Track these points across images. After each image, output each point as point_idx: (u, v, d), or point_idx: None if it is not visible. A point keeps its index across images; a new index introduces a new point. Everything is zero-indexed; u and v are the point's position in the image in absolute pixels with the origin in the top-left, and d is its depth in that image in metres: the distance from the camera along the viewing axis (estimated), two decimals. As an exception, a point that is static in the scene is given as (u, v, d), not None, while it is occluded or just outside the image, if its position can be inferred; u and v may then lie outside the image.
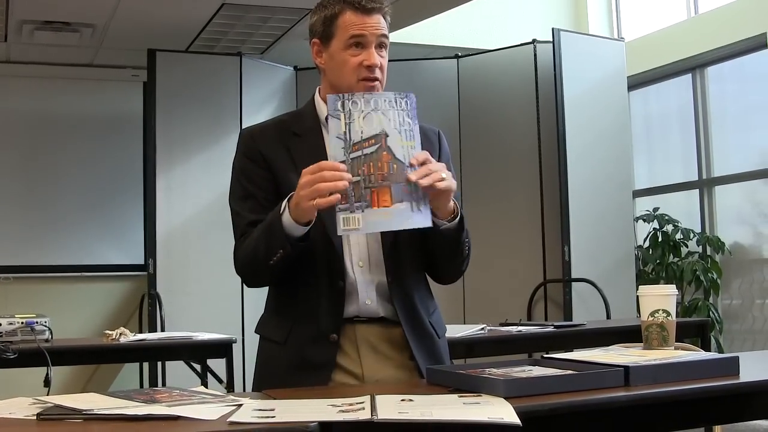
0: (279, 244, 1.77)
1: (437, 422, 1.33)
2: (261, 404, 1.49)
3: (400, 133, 1.73)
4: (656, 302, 1.99)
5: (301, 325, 1.88)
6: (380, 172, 1.69)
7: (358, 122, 1.71)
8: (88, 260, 6.62)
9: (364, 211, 1.68)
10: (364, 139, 1.71)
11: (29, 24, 5.62)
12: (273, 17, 5.61)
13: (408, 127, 1.75)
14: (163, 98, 5.73)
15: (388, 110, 1.74)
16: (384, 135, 1.72)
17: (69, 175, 6.61)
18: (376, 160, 1.70)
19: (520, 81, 5.96)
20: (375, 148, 1.71)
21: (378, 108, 1.73)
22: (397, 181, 1.70)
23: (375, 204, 1.68)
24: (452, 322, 3.22)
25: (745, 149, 6.50)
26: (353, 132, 1.71)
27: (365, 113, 1.72)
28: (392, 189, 1.69)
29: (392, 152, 1.71)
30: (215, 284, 5.61)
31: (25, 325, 3.43)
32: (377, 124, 1.72)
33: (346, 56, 1.89)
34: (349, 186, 1.67)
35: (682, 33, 6.77)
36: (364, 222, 1.68)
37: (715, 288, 6.29)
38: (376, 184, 1.69)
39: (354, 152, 1.70)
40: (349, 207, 1.68)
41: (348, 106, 1.72)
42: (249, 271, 1.90)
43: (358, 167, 1.69)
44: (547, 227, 5.78)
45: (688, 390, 1.58)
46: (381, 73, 1.91)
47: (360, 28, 1.88)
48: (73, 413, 1.41)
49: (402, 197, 1.70)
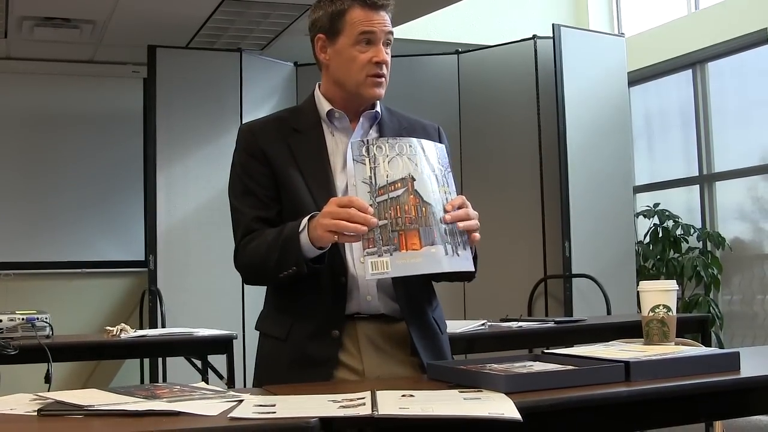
0: (293, 261, 1.77)
1: (438, 418, 1.33)
2: (262, 400, 1.49)
3: (430, 178, 1.74)
4: (657, 298, 1.99)
5: (302, 322, 1.87)
6: (407, 215, 1.70)
7: (383, 166, 1.72)
8: (89, 256, 6.62)
9: (392, 255, 1.68)
10: (389, 183, 1.71)
11: (29, 20, 5.61)
12: (273, 13, 5.61)
13: (441, 173, 1.77)
14: (163, 94, 5.73)
15: (414, 155, 1.75)
16: (410, 179, 1.72)
17: (69, 172, 6.61)
18: (404, 204, 1.71)
19: (521, 77, 5.96)
20: (401, 191, 1.71)
21: (403, 153, 1.74)
22: (426, 224, 1.70)
23: (403, 247, 1.69)
24: (453, 317, 3.22)
25: (745, 145, 6.49)
26: (378, 176, 1.72)
27: (390, 157, 1.73)
28: (421, 232, 1.70)
29: (420, 196, 1.72)
30: (216, 280, 5.61)
31: (26, 321, 3.43)
32: (403, 168, 1.73)
33: (355, 52, 1.88)
34: (376, 230, 1.67)
35: (682, 28, 6.76)
36: (393, 265, 1.68)
37: (716, 284, 6.29)
38: (404, 228, 1.69)
39: (380, 196, 1.71)
40: (377, 251, 1.68)
41: (373, 151, 1.72)
42: (253, 274, 1.91)
43: (385, 211, 1.70)
44: (547, 223, 5.78)
45: (688, 385, 1.58)
46: (387, 70, 1.92)
47: (369, 24, 1.88)
48: (74, 409, 1.41)
49: (433, 240, 1.70)
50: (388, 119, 2.00)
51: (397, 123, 2.01)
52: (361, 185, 1.71)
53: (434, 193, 1.73)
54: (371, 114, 1.97)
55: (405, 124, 2.02)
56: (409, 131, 2.00)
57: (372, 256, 1.68)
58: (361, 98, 1.92)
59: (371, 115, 1.98)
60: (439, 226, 1.71)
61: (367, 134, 1.97)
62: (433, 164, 1.76)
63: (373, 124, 1.99)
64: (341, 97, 1.94)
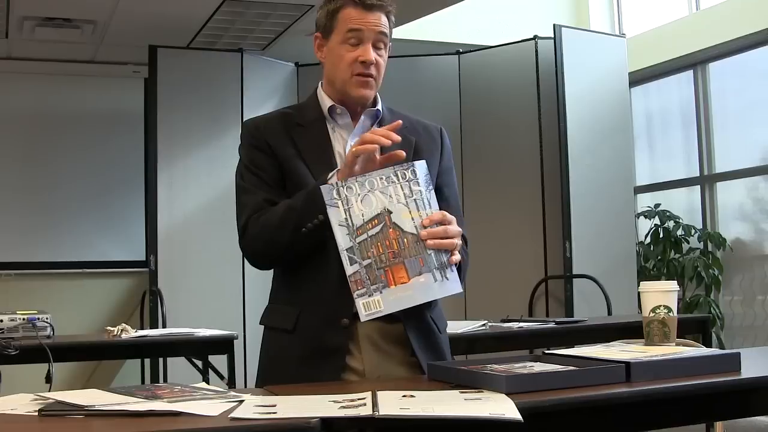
0: (319, 208, 1.76)
1: (439, 418, 1.33)
2: (262, 400, 1.49)
3: (407, 206, 1.74)
4: (658, 298, 1.99)
5: (311, 311, 1.87)
6: (390, 250, 1.71)
7: (356, 206, 1.72)
8: (90, 257, 6.62)
9: (383, 292, 1.69)
10: (366, 221, 1.72)
11: (30, 20, 5.62)
12: (274, 13, 5.61)
13: (419, 196, 1.75)
14: (164, 94, 5.73)
15: (387, 187, 1.74)
16: (386, 213, 1.73)
17: (70, 172, 6.61)
18: (384, 239, 1.71)
19: (522, 77, 5.96)
20: (379, 227, 1.72)
21: (374, 188, 1.73)
22: (410, 255, 1.71)
23: (392, 283, 1.70)
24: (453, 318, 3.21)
25: (746, 146, 6.49)
26: (354, 216, 1.72)
27: (362, 195, 1.73)
28: (406, 264, 1.71)
29: (399, 228, 1.72)
30: (217, 280, 5.62)
31: (27, 321, 3.43)
32: (377, 204, 1.73)
33: (343, 51, 1.90)
34: (362, 270, 1.68)
35: (683, 29, 6.76)
36: (386, 302, 1.69)
37: (717, 284, 6.29)
38: (389, 263, 1.70)
39: (359, 236, 1.71)
40: (367, 291, 1.69)
41: (343, 193, 1.73)
42: (267, 242, 1.87)
43: (367, 250, 1.70)
44: (548, 223, 5.78)
45: (689, 386, 1.58)
46: (377, 71, 1.91)
47: (358, 23, 1.88)
48: (75, 409, 1.41)
49: (420, 270, 1.71)
50: (390, 118, 2.00)
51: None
52: (339, 228, 1.71)
53: (414, 220, 1.73)
54: (372, 112, 1.98)
55: (406, 124, 2.02)
56: (410, 131, 2.00)
57: (363, 298, 1.69)
58: (348, 97, 1.92)
59: (372, 113, 1.98)
60: (424, 253, 1.71)
61: (367, 132, 1.97)
62: (411, 189, 1.75)
63: (374, 123, 1.99)
64: (336, 95, 1.96)
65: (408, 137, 1.99)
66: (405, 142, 1.97)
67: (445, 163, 2.04)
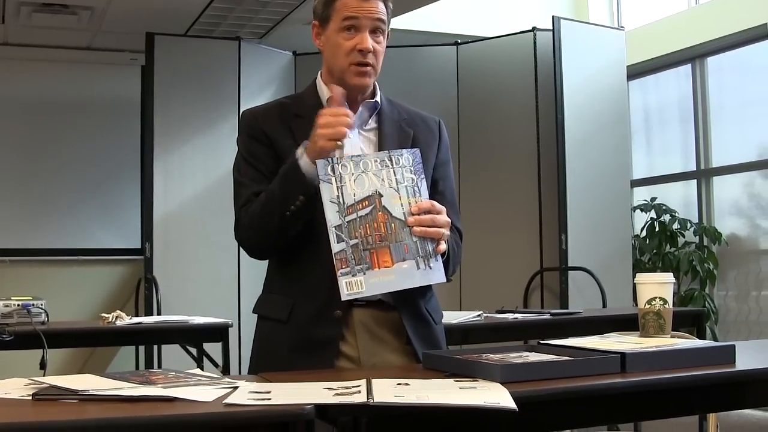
0: (299, 189, 1.77)
1: (433, 406, 1.33)
2: (257, 387, 1.49)
3: (398, 191, 1.75)
4: (654, 290, 1.99)
5: (305, 302, 1.87)
6: (377, 233, 1.72)
7: (349, 185, 1.73)
8: (85, 244, 6.61)
9: (366, 274, 1.70)
10: (357, 201, 1.73)
11: (27, 6, 5.59)
12: (272, 2, 5.59)
13: (411, 183, 1.77)
14: (161, 82, 5.71)
15: (380, 170, 1.75)
16: (377, 196, 1.74)
17: (66, 159, 6.60)
18: (372, 222, 1.72)
19: (520, 69, 5.95)
20: (369, 209, 1.73)
21: (368, 170, 1.75)
22: (396, 240, 1.72)
23: (375, 265, 1.71)
24: (449, 308, 3.22)
25: (743, 141, 6.49)
26: (346, 195, 1.72)
27: (356, 176, 1.74)
28: (392, 249, 1.72)
29: (388, 212, 1.74)
30: (212, 268, 5.62)
31: (22, 307, 3.43)
32: (370, 185, 1.74)
33: (340, 39, 1.89)
34: (348, 249, 1.69)
35: (682, 23, 6.75)
36: (367, 284, 1.70)
37: (711, 278, 6.30)
38: (375, 246, 1.71)
39: (349, 215, 1.72)
40: (351, 271, 1.69)
41: (338, 170, 1.73)
42: (258, 231, 1.87)
43: (355, 230, 1.71)
44: (544, 216, 5.78)
45: (683, 377, 1.59)
46: (375, 58, 1.90)
47: (354, 10, 1.87)
48: (69, 394, 1.41)
49: (404, 256, 1.72)
50: (388, 110, 2.00)
51: (397, 114, 2.01)
52: (330, 205, 1.71)
53: (403, 206, 1.74)
54: (370, 103, 1.97)
55: (404, 116, 2.02)
56: (408, 123, 2.00)
57: (346, 277, 1.69)
58: (347, 86, 1.91)
59: (370, 105, 1.97)
60: (410, 240, 1.73)
61: (366, 123, 1.97)
62: (403, 175, 1.76)
63: (373, 114, 1.98)
64: (334, 84, 1.94)
65: (406, 129, 1.99)
66: (403, 134, 1.98)
67: (443, 155, 2.03)
